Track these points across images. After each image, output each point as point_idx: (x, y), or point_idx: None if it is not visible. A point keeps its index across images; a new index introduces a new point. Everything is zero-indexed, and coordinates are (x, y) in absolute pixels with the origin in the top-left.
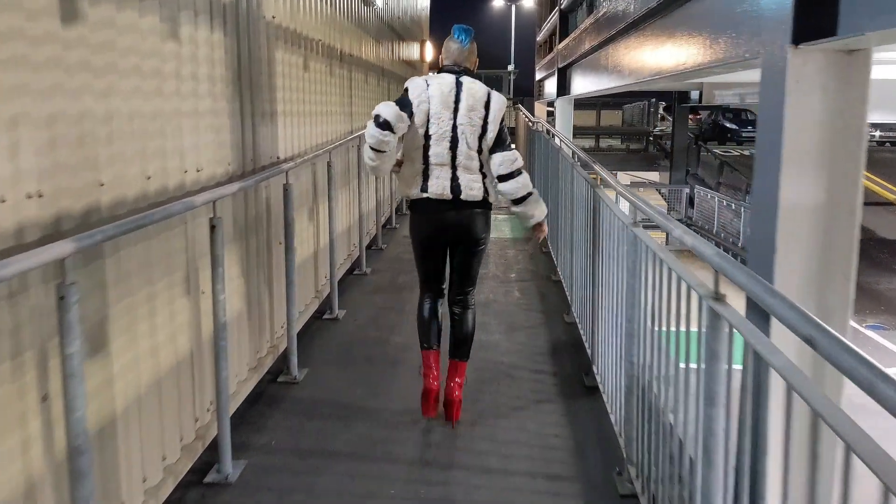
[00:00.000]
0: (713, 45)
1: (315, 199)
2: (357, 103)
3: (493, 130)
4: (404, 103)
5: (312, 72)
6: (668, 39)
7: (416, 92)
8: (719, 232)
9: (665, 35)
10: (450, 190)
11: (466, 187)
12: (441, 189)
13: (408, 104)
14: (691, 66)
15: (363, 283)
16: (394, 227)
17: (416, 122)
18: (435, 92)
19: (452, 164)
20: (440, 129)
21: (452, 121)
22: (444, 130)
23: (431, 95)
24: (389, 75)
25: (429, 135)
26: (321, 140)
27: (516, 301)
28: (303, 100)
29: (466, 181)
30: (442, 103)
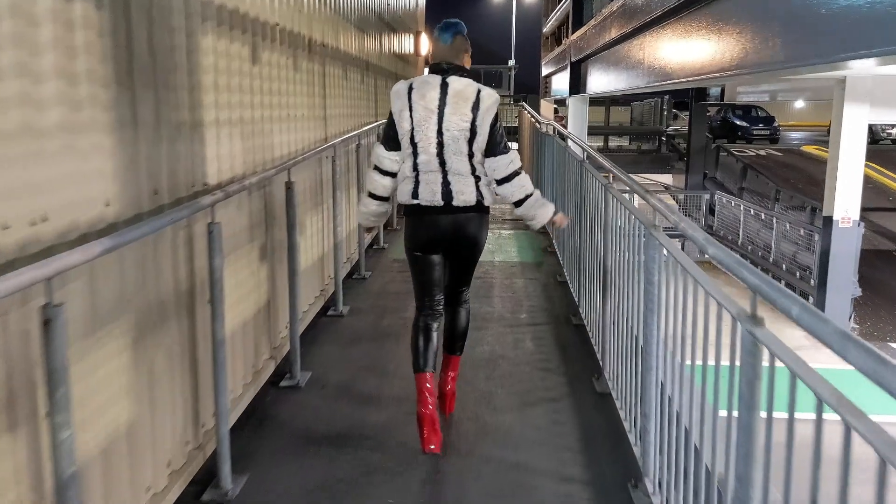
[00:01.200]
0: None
1: (269, 233)
2: (334, 104)
3: (483, 133)
4: (388, 136)
5: (267, 66)
6: (737, 29)
7: (398, 103)
8: (745, 244)
9: (732, 23)
10: (441, 196)
11: (458, 192)
12: (431, 195)
13: (391, 131)
14: (769, 62)
15: (338, 329)
16: (382, 248)
17: (401, 131)
18: (417, 96)
19: (442, 170)
20: (426, 135)
21: (438, 125)
22: (430, 136)
23: (414, 101)
24: (376, 70)
25: (415, 142)
26: (279, 153)
27: (530, 356)
28: (251, 103)
29: (458, 186)
30: (425, 108)
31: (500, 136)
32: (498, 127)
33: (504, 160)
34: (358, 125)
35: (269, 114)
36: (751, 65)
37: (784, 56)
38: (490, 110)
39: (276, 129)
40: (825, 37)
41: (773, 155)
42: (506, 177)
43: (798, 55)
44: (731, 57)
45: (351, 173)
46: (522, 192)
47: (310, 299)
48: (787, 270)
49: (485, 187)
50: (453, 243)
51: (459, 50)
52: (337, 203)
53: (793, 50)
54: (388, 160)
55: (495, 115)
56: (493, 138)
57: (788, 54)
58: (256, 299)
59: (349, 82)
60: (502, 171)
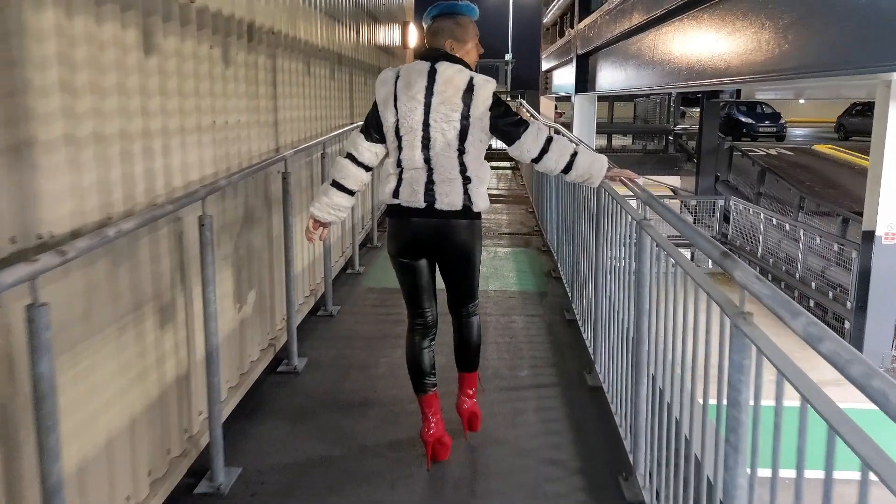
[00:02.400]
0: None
1: (184, 279)
2: (290, 105)
3: (479, 127)
4: (370, 125)
5: (174, 57)
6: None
7: (383, 92)
8: (766, 256)
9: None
10: (423, 197)
11: (442, 194)
12: (412, 196)
13: (374, 121)
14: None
15: (291, 386)
16: (357, 272)
17: (386, 124)
18: (403, 84)
19: (427, 168)
20: (411, 128)
21: (424, 117)
22: (416, 130)
23: (400, 90)
24: (353, 64)
25: (400, 136)
26: (193, 177)
27: (532, 440)
28: (140, 109)
29: (443, 187)
30: (411, 98)
31: (509, 118)
32: (503, 111)
33: (528, 138)
34: (326, 129)
35: (176, 123)
36: (820, 65)
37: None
38: (486, 98)
39: (190, 143)
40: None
41: (784, 154)
42: (540, 152)
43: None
44: (793, 54)
45: (313, 189)
46: (566, 157)
47: (238, 367)
48: (817, 289)
49: (476, 190)
50: (438, 251)
51: (443, 33)
52: (289, 230)
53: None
54: (368, 152)
55: (495, 101)
56: (503, 125)
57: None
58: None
59: (314, 79)
60: (534, 149)
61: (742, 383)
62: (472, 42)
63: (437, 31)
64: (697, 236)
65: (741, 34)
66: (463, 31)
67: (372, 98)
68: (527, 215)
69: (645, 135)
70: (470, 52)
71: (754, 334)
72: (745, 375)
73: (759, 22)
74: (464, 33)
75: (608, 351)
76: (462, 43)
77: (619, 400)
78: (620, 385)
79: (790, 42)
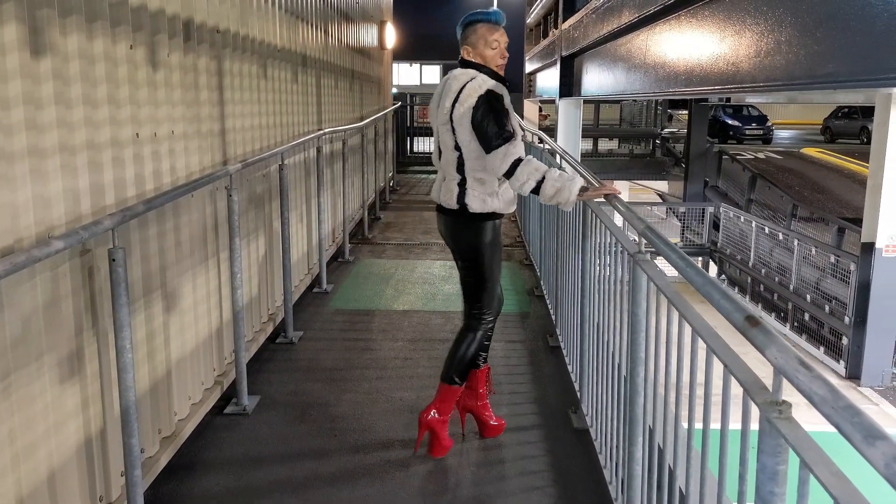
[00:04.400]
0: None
1: (96, 323)
2: (242, 112)
3: (462, 131)
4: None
5: (77, 60)
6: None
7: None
8: (757, 265)
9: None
10: (437, 195)
11: (445, 192)
12: (434, 194)
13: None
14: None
15: (239, 430)
16: (324, 292)
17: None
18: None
19: (441, 168)
20: (434, 131)
21: (435, 122)
22: (434, 134)
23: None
24: (322, 67)
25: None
26: (108, 201)
27: (510, 499)
28: (26, 123)
29: (446, 186)
30: (433, 101)
31: (488, 130)
32: (485, 122)
33: (495, 156)
34: (288, 137)
35: (81, 138)
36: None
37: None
38: (468, 104)
39: (104, 161)
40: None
41: (772, 158)
42: (505, 173)
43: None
44: (821, 61)
45: (268, 206)
46: (531, 182)
47: (184, 404)
48: (812, 303)
49: (473, 191)
50: (450, 248)
51: (464, 40)
52: (235, 252)
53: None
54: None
55: (480, 109)
56: (480, 134)
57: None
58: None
59: (272, 82)
60: (499, 169)
61: (776, 496)
62: (484, 44)
63: (459, 43)
64: (714, 291)
65: (754, 32)
66: (475, 36)
67: (346, 101)
68: (509, 224)
69: (631, 138)
70: (483, 54)
71: (795, 437)
72: (779, 486)
73: (777, 18)
74: (475, 39)
75: (597, 389)
76: (473, 48)
77: (609, 449)
78: (611, 432)
79: (821, 42)
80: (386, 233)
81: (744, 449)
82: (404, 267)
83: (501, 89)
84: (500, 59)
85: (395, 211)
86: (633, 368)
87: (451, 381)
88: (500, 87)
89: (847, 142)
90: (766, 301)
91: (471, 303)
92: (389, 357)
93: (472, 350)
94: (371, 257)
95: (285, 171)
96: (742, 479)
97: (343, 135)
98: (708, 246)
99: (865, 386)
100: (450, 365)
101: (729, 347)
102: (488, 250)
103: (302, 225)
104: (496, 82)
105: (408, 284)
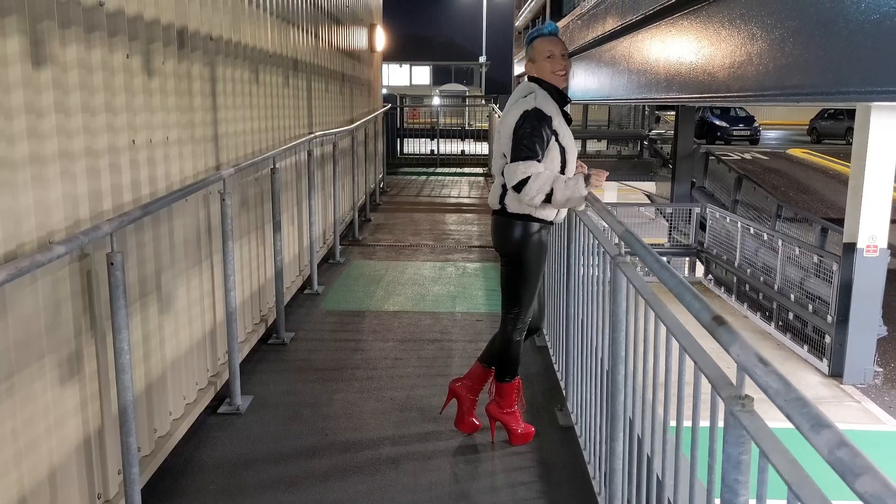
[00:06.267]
0: None
1: (94, 324)
2: (234, 118)
3: (506, 140)
4: None
5: (77, 69)
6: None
7: None
8: (743, 265)
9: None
10: (490, 197)
11: (492, 193)
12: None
13: None
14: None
15: (232, 430)
16: (315, 293)
17: None
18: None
19: (494, 169)
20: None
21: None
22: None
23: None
24: (311, 70)
25: None
26: (106, 206)
27: (495, 494)
28: (27, 131)
29: (493, 187)
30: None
31: (516, 145)
32: (518, 136)
33: (510, 169)
34: (280, 141)
35: (80, 145)
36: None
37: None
38: (510, 116)
39: (102, 167)
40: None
41: (758, 159)
42: (514, 186)
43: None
44: (795, 71)
45: (260, 209)
46: (541, 196)
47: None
48: (797, 302)
49: (513, 193)
50: (494, 247)
51: (527, 56)
52: (228, 255)
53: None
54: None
55: (519, 123)
56: (512, 146)
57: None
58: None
59: (264, 87)
60: (509, 181)
61: (740, 484)
62: (542, 58)
63: (526, 54)
64: (686, 293)
65: (728, 44)
66: (533, 52)
67: (336, 104)
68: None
69: (619, 140)
70: (540, 68)
71: (755, 427)
72: (743, 475)
73: (749, 32)
74: (534, 54)
75: (581, 387)
76: (533, 62)
77: (593, 446)
78: (594, 428)
79: (788, 56)
80: (376, 234)
81: (713, 441)
82: (394, 268)
83: (551, 109)
84: (558, 67)
85: (385, 213)
86: (614, 366)
87: (501, 380)
88: (550, 107)
89: (833, 142)
90: (751, 300)
91: (507, 306)
92: (380, 357)
93: (513, 351)
94: (362, 259)
95: (277, 174)
96: (711, 469)
97: (334, 138)
98: (695, 246)
99: (848, 383)
100: (499, 367)
101: (699, 346)
102: (527, 253)
103: (293, 227)
104: (547, 102)
105: (398, 286)
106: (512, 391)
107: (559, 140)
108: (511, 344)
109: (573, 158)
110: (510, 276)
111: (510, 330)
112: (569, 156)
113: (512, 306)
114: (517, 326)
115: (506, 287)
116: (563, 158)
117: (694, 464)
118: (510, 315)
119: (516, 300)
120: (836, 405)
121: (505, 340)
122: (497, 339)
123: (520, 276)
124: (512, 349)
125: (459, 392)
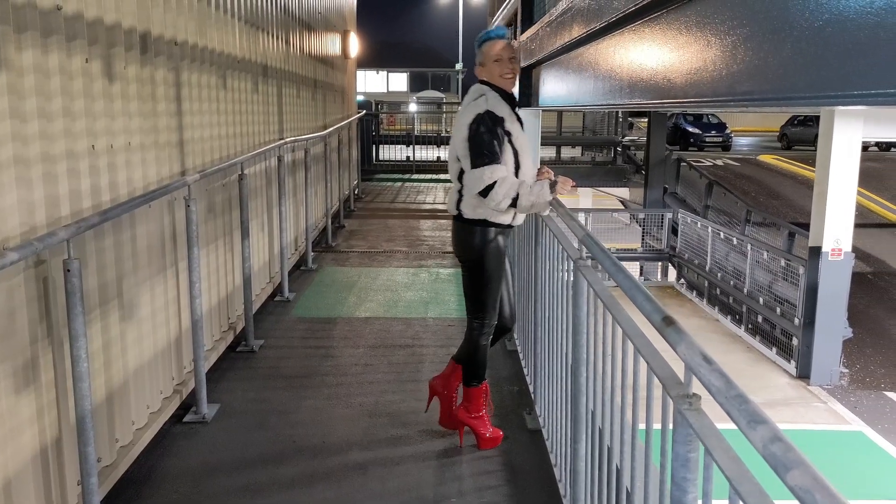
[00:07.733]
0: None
1: (51, 332)
2: (202, 123)
3: (460, 144)
4: None
5: (33, 74)
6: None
7: None
8: (714, 270)
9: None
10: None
11: (449, 199)
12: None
13: None
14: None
15: (198, 439)
16: (286, 300)
17: None
18: None
19: (451, 174)
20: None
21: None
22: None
23: None
24: (281, 76)
25: None
26: (63, 212)
27: (464, 499)
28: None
29: (451, 193)
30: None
31: (474, 149)
32: (474, 140)
33: (472, 175)
34: (249, 147)
35: (36, 151)
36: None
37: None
38: (462, 119)
39: (59, 173)
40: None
41: (730, 165)
42: (480, 192)
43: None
44: (746, 78)
45: (228, 215)
46: (507, 201)
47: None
48: (765, 305)
49: (468, 199)
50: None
51: (476, 58)
52: (193, 261)
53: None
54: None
55: (474, 128)
56: (469, 151)
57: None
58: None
59: (232, 93)
60: (474, 188)
61: (688, 482)
62: (490, 61)
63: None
64: (639, 294)
65: (686, 51)
66: (482, 56)
67: (308, 110)
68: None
69: (593, 146)
70: (489, 71)
71: (700, 425)
72: (691, 473)
73: (705, 39)
74: (483, 58)
75: (548, 391)
76: (482, 66)
77: (559, 448)
78: (560, 431)
79: (740, 62)
80: (350, 241)
81: (664, 441)
82: (367, 275)
83: (503, 111)
84: (506, 70)
85: (359, 219)
86: (575, 369)
87: (469, 384)
88: (502, 109)
89: (803, 148)
90: (722, 304)
91: (471, 311)
92: (350, 363)
93: (479, 355)
94: (334, 265)
95: (245, 180)
96: (664, 468)
97: (305, 144)
98: (667, 251)
99: (815, 385)
100: (466, 372)
101: (653, 347)
102: (486, 259)
103: (263, 234)
104: (498, 104)
105: (370, 292)
106: (479, 395)
107: (512, 142)
108: (478, 349)
109: (527, 161)
110: (472, 283)
111: (476, 335)
112: (522, 158)
113: (476, 311)
114: (483, 331)
115: (469, 293)
116: (516, 161)
117: (648, 464)
118: (475, 321)
119: (480, 305)
120: (803, 406)
121: (471, 346)
122: (463, 345)
123: (481, 281)
124: (479, 354)
125: (437, 389)
